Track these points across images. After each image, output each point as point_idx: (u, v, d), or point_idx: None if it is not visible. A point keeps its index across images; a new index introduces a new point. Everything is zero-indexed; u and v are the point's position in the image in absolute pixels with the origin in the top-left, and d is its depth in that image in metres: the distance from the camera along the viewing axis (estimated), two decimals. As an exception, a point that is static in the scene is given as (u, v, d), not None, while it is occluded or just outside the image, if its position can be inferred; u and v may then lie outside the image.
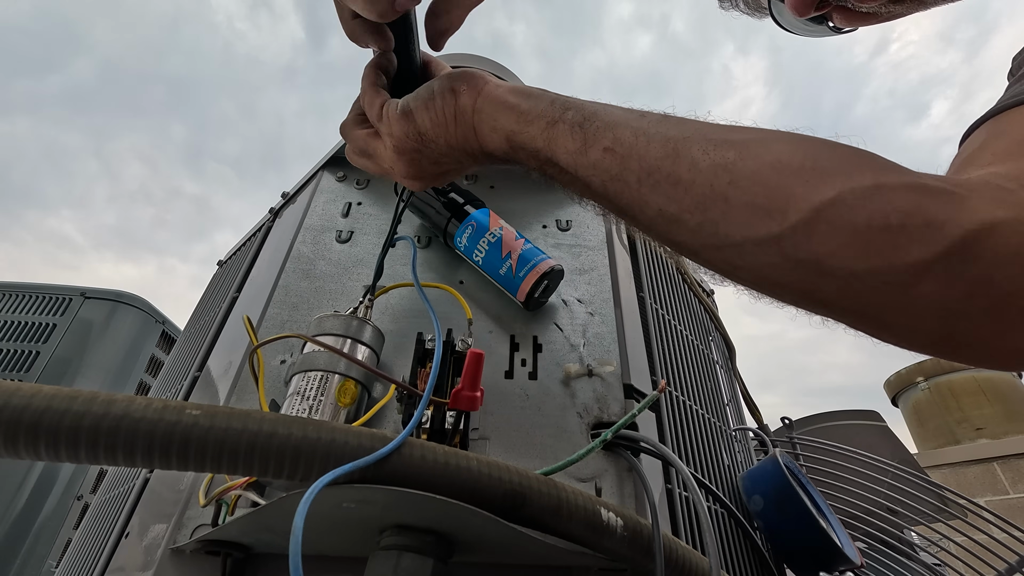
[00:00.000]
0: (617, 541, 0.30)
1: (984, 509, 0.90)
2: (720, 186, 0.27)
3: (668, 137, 0.30)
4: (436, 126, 0.36)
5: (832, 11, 0.45)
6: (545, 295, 0.50)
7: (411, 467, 0.27)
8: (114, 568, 0.42)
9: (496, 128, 0.35)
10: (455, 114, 0.36)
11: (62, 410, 0.24)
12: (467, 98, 0.36)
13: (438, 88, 0.36)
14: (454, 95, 0.36)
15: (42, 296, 1.16)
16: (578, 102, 0.34)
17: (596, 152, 0.31)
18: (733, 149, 0.28)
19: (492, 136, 0.36)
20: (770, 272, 0.27)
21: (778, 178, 0.26)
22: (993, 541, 0.85)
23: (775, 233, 0.25)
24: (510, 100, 0.35)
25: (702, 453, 0.52)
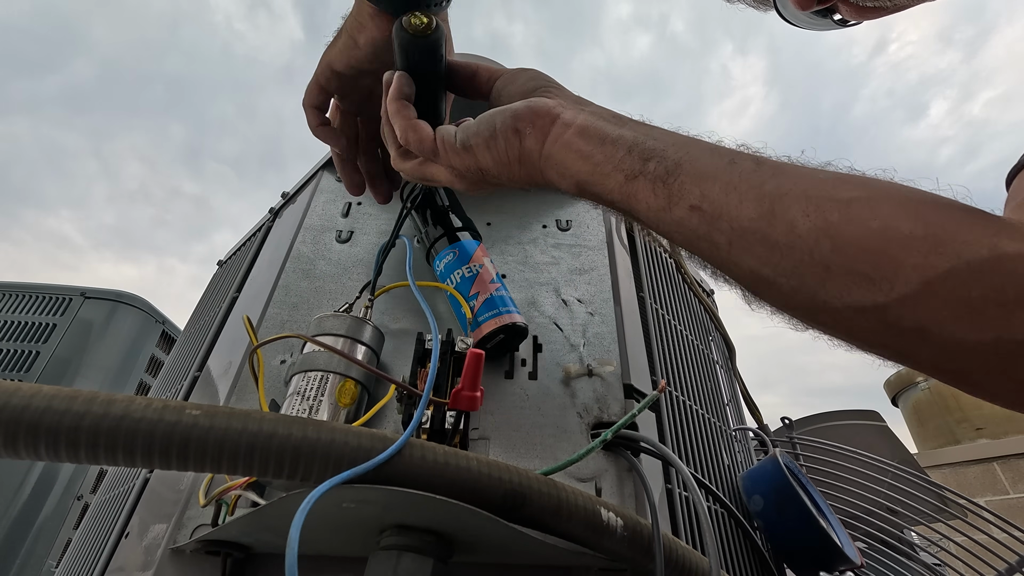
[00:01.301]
0: (617, 541, 0.30)
1: (984, 509, 0.90)
2: (821, 253, 0.25)
3: (762, 194, 0.27)
4: (499, 165, 0.34)
5: (837, 3, 0.44)
6: (499, 350, 0.46)
7: (411, 467, 0.27)
8: (114, 568, 0.42)
9: (565, 175, 0.33)
10: (519, 156, 0.33)
11: (62, 410, 0.24)
12: (533, 142, 0.33)
13: (500, 126, 0.33)
14: (518, 137, 0.33)
15: (42, 296, 1.16)
16: (660, 145, 0.30)
17: (681, 210, 0.28)
18: (836, 210, 0.25)
19: (561, 181, 0.33)
20: (867, 335, 0.25)
21: (886, 246, 0.24)
22: (993, 541, 0.85)
23: (880, 303, 0.24)
24: (583, 148, 0.32)
25: (702, 453, 0.52)
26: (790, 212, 0.26)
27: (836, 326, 0.26)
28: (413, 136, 0.36)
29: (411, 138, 0.36)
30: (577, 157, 0.32)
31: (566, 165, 0.32)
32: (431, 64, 0.39)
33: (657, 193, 0.29)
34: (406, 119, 0.36)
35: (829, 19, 0.47)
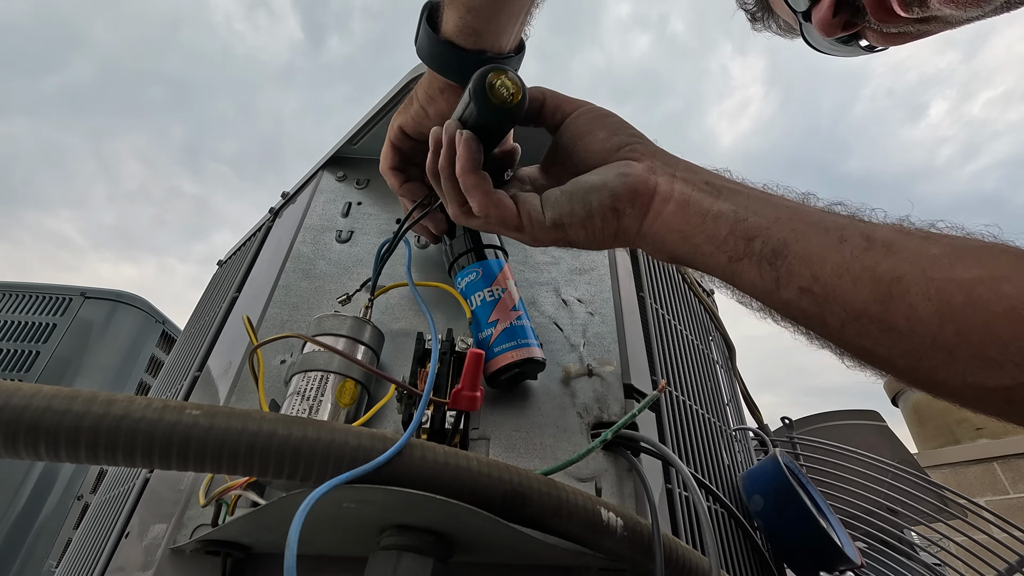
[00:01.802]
0: (617, 541, 0.30)
1: (984, 509, 0.90)
2: (944, 338, 0.24)
3: (877, 276, 0.25)
4: (591, 241, 0.33)
5: (863, 30, 0.44)
6: (514, 381, 0.44)
7: (411, 468, 0.27)
8: (114, 568, 0.42)
9: (662, 250, 0.32)
10: (615, 234, 0.33)
11: (62, 410, 0.24)
12: (631, 221, 0.32)
13: (598, 207, 0.32)
14: (617, 217, 0.32)
15: (42, 296, 1.16)
16: (763, 222, 0.29)
17: (790, 292, 0.27)
18: (959, 292, 0.24)
19: (656, 254, 0.33)
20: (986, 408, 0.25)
21: (1013, 329, 0.23)
22: (993, 541, 0.85)
23: (1005, 385, 0.23)
24: (683, 228, 0.31)
25: (702, 453, 0.52)
26: (909, 295, 0.25)
27: (954, 397, 0.26)
28: (496, 212, 0.34)
29: (493, 214, 0.34)
30: (678, 237, 0.31)
31: (664, 243, 0.32)
32: (506, 129, 0.36)
33: (764, 275, 0.28)
34: (485, 193, 0.34)
35: (855, 45, 0.47)
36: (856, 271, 0.26)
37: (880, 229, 0.27)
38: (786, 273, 0.28)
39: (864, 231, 0.27)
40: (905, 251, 0.26)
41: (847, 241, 0.27)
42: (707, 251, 0.30)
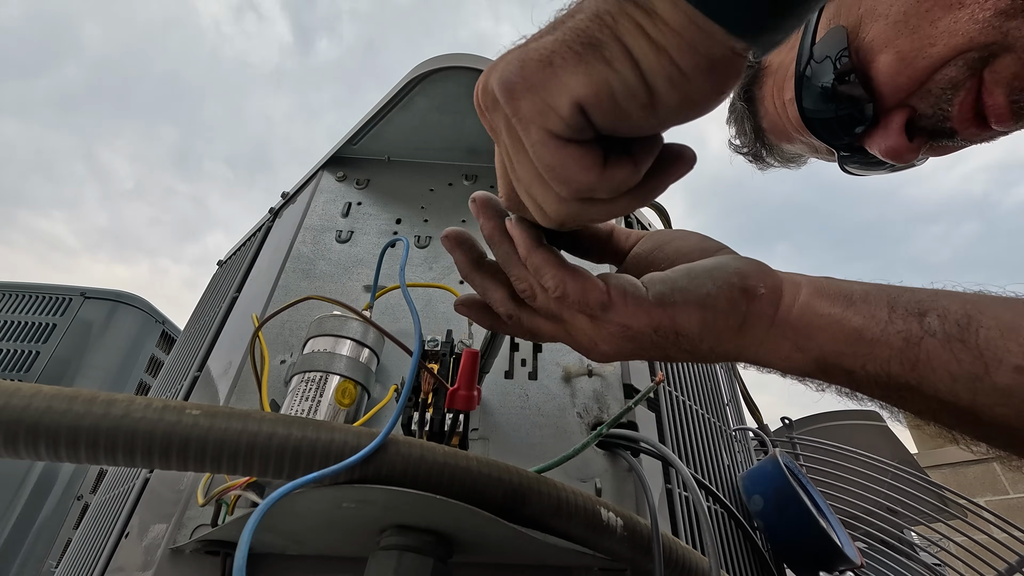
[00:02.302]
0: (617, 541, 0.30)
1: (984, 509, 0.90)
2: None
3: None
4: (708, 332, 0.25)
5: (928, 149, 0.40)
6: None
7: (410, 467, 0.27)
8: (114, 568, 0.42)
9: (807, 347, 0.25)
10: (742, 323, 0.25)
11: (62, 410, 0.24)
12: (766, 306, 0.25)
13: (723, 283, 0.25)
14: (748, 298, 0.25)
15: (42, 296, 1.16)
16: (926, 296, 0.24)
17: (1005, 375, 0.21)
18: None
19: (793, 355, 0.25)
20: None
21: None
22: (993, 541, 0.85)
23: None
24: (831, 311, 0.24)
25: (702, 453, 0.52)
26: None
27: None
28: (574, 286, 0.25)
29: (571, 288, 0.25)
30: (828, 323, 0.24)
31: (809, 334, 0.25)
32: None
33: (960, 356, 0.22)
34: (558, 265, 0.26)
35: None
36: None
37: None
38: (989, 351, 0.22)
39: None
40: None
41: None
42: (872, 335, 0.23)
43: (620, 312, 0.25)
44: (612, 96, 0.19)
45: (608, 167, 0.21)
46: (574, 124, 0.20)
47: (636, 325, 0.26)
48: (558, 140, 0.20)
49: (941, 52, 0.35)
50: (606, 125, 0.20)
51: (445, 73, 0.56)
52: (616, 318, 0.26)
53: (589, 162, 0.21)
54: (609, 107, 0.19)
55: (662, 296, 0.25)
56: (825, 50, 0.40)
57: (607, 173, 0.21)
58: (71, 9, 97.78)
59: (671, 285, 0.26)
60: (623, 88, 0.19)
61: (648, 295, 0.25)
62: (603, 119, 0.20)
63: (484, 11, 21.33)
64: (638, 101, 0.19)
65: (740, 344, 0.26)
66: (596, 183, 0.21)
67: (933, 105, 0.37)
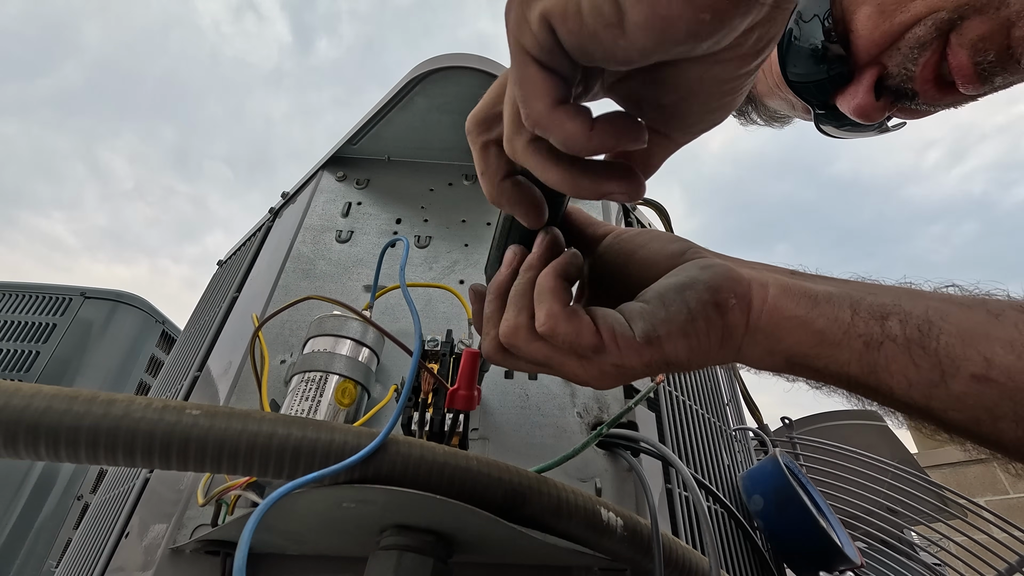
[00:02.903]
0: (617, 541, 0.30)
1: (984, 509, 0.90)
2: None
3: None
4: (694, 354, 0.26)
5: (896, 111, 0.41)
6: None
7: (410, 467, 0.27)
8: (114, 568, 0.42)
9: (775, 350, 0.25)
10: (722, 339, 0.26)
11: (62, 410, 0.24)
12: (738, 316, 0.26)
13: (697, 304, 0.25)
14: (721, 314, 0.25)
15: (42, 296, 1.16)
16: (888, 299, 0.24)
17: (961, 383, 0.22)
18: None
19: (765, 359, 0.26)
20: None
21: None
22: (993, 541, 0.85)
23: None
24: (796, 312, 0.25)
25: (702, 453, 0.52)
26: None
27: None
28: (566, 328, 0.25)
29: (562, 329, 0.25)
30: (794, 325, 0.25)
31: (778, 338, 0.25)
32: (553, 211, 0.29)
33: (920, 362, 0.22)
34: (560, 303, 0.26)
35: (884, 124, 0.44)
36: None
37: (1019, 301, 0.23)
38: (947, 358, 0.22)
39: (1012, 304, 0.23)
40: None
41: (1002, 316, 0.22)
42: (835, 338, 0.24)
43: (613, 355, 0.25)
44: (578, 11, 0.18)
45: (564, 108, 0.20)
46: (541, 39, 0.19)
47: (626, 365, 0.26)
48: (526, 56, 0.20)
49: (919, 8, 0.35)
50: (574, 46, 0.19)
51: (445, 73, 0.56)
52: (609, 360, 0.26)
53: (545, 89, 0.20)
54: (575, 23, 0.18)
55: (647, 334, 0.25)
56: (809, 3, 0.40)
57: (559, 110, 0.20)
58: (71, 9, 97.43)
59: (651, 320, 0.25)
60: (589, 2, 0.18)
61: (636, 334, 0.25)
62: (569, 37, 0.19)
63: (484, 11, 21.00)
64: (603, 18, 0.18)
65: (722, 354, 0.26)
66: (545, 115, 0.20)
67: (900, 64, 0.37)
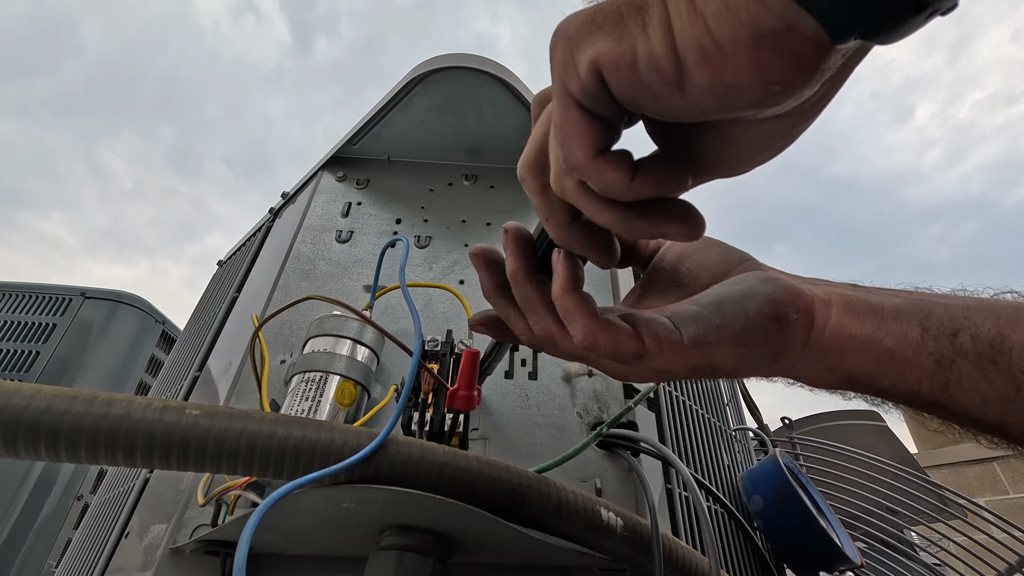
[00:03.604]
0: (617, 541, 0.30)
1: (984, 509, 0.90)
2: None
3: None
4: (744, 364, 0.25)
5: None
6: None
7: (410, 467, 0.27)
8: (114, 568, 0.42)
9: (837, 368, 0.24)
10: (777, 353, 0.25)
11: (62, 410, 0.24)
12: (798, 331, 0.24)
13: (756, 315, 0.24)
14: (780, 327, 0.24)
15: (42, 296, 1.16)
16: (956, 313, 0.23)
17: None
18: None
19: (823, 375, 0.25)
20: None
21: None
22: (993, 541, 0.85)
23: None
24: (861, 331, 0.24)
25: (702, 453, 0.52)
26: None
27: None
28: (606, 339, 0.24)
29: (601, 341, 0.24)
30: (859, 344, 0.24)
31: (841, 356, 0.24)
32: None
33: (993, 378, 0.22)
34: (590, 315, 0.24)
35: None
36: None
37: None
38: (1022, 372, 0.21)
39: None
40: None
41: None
42: (904, 356, 0.23)
43: (656, 359, 0.24)
44: (633, 63, 0.17)
45: (605, 157, 0.19)
46: (588, 86, 0.18)
47: (672, 368, 0.25)
48: (570, 99, 0.19)
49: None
50: (625, 97, 0.18)
51: (445, 73, 0.56)
52: (652, 364, 0.24)
53: (586, 136, 0.19)
54: (628, 75, 0.17)
55: (698, 338, 0.24)
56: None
57: (599, 160, 0.19)
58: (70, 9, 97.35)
59: (705, 325, 0.24)
60: (647, 56, 0.17)
61: (683, 338, 0.24)
62: (620, 88, 0.18)
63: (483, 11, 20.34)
64: (662, 74, 0.17)
65: (773, 368, 0.25)
66: (585, 163, 0.19)
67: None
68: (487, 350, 0.37)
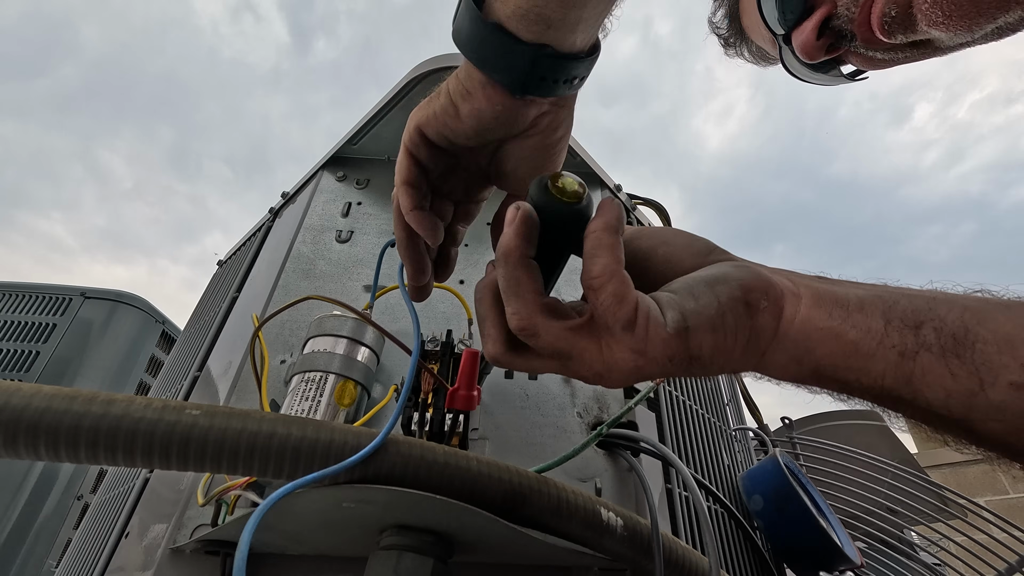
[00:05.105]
0: (617, 541, 0.30)
1: (984, 509, 0.90)
2: None
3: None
4: (719, 353, 0.25)
5: (846, 55, 0.43)
6: None
7: (410, 466, 0.27)
8: (114, 568, 0.42)
9: (804, 360, 0.25)
10: (747, 340, 0.25)
11: (62, 410, 0.24)
12: (768, 319, 0.25)
13: (727, 300, 0.25)
14: (751, 313, 0.25)
15: (42, 296, 1.16)
16: (922, 304, 0.23)
17: (1000, 392, 0.21)
18: None
19: (790, 368, 0.25)
20: None
21: None
22: (993, 541, 0.85)
23: None
24: (828, 322, 0.24)
25: (702, 453, 0.52)
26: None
27: None
28: (616, 285, 0.24)
29: (613, 287, 0.24)
30: (825, 335, 0.24)
31: (808, 347, 0.24)
32: (567, 235, 0.27)
33: (956, 372, 0.22)
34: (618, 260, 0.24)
35: (837, 72, 0.46)
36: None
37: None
38: (984, 366, 0.21)
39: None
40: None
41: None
42: (868, 349, 0.23)
43: (638, 337, 0.24)
44: (435, 115, 0.31)
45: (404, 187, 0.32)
46: (413, 137, 0.32)
47: (650, 353, 0.24)
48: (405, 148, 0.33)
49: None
50: (436, 136, 0.32)
51: (445, 73, 0.56)
52: (631, 342, 0.24)
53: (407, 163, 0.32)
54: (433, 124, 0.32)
55: (677, 324, 0.24)
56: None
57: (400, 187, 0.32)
58: (69, 9, 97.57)
59: (680, 309, 0.24)
60: (440, 109, 0.31)
61: (667, 323, 0.24)
62: (432, 132, 0.32)
63: None
64: (448, 113, 0.31)
65: (744, 359, 0.25)
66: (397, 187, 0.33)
67: (845, 5, 0.40)
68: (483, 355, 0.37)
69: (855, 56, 0.43)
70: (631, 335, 0.24)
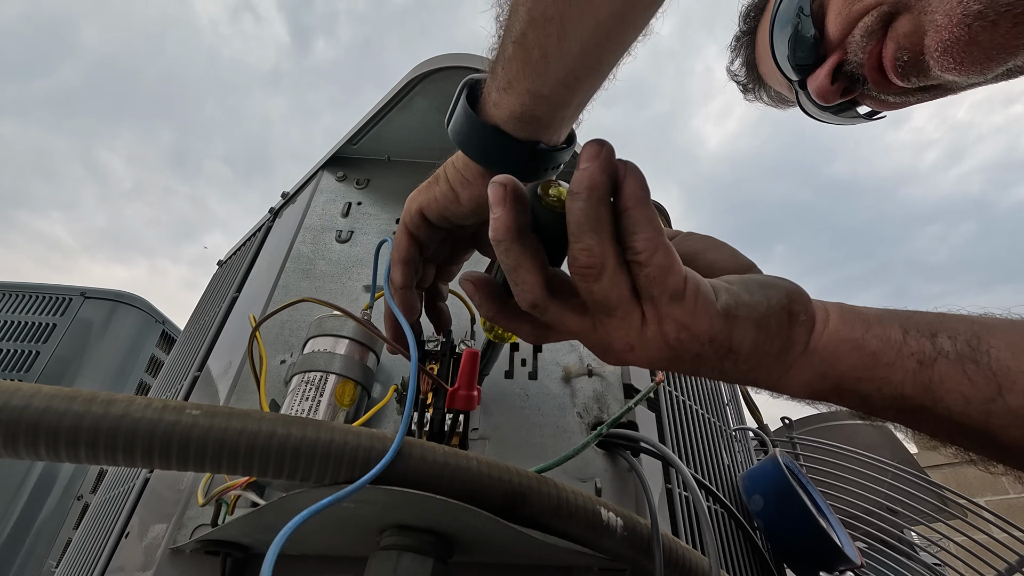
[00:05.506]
0: (617, 541, 0.30)
1: (984, 509, 0.90)
2: None
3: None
4: (755, 352, 0.24)
5: (860, 97, 0.45)
6: None
7: (410, 467, 0.27)
8: (114, 568, 0.42)
9: (829, 374, 0.25)
10: (781, 348, 0.25)
11: (62, 410, 0.24)
12: (802, 332, 0.25)
13: (776, 303, 0.25)
14: (791, 323, 0.25)
15: (42, 296, 1.16)
16: (934, 318, 0.24)
17: (1018, 395, 0.21)
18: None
19: (814, 382, 0.25)
20: None
21: None
22: (993, 541, 0.85)
23: None
24: (851, 335, 0.25)
25: (702, 453, 0.52)
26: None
27: None
28: (663, 258, 0.23)
29: (658, 259, 0.23)
30: (849, 348, 0.24)
31: (834, 362, 0.25)
32: (559, 244, 0.26)
33: (974, 377, 0.22)
34: (659, 230, 0.23)
35: (853, 112, 0.47)
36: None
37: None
38: (1002, 371, 0.22)
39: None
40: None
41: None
42: (888, 358, 0.23)
43: (686, 309, 0.23)
44: (436, 200, 0.35)
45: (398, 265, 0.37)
46: (414, 219, 0.36)
47: (694, 329, 0.24)
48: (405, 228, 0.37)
49: (869, 0, 0.40)
50: (437, 218, 0.36)
51: (445, 73, 0.56)
52: (677, 314, 0.23)
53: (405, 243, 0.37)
54: (435, 208, 0.35)
55: (728, 307, 0.24)
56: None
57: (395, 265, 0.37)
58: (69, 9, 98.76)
59: (735, 298, 0.24)
60: (441, 194, 0.35)
61: (718, 302, 0.24)
62: (433, 214, 0.36)
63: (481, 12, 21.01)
64: (449, 198, 0.35)
65: (771, 368, 0.26)
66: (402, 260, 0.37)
67: (854, 51, 0.42)
68: (481, 349, 0.38)
69: (868, 99, 0.45)
70: (679, 306, 0.23)
